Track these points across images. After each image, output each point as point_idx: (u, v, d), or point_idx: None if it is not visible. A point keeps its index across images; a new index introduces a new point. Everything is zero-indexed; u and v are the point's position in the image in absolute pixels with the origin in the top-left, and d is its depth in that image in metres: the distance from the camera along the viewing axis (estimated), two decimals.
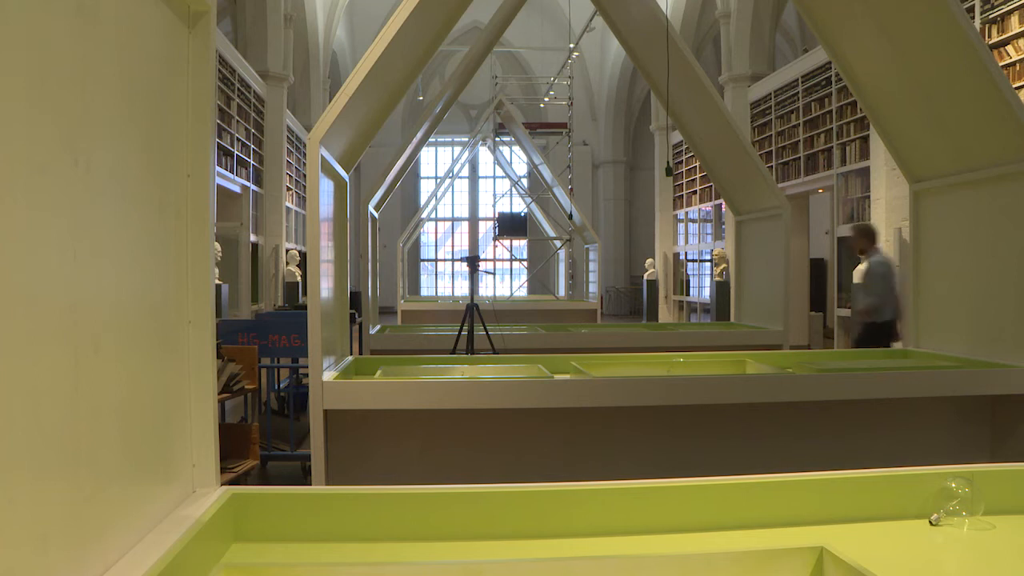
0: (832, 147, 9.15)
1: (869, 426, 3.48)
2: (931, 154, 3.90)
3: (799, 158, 10.05)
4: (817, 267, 12.22)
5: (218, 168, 9.42)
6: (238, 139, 10.31)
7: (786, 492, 1.51)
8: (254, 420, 4.82)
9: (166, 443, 1.32)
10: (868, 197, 8.28)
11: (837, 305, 9.04)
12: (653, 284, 14.84)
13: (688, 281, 14.53)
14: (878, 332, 5.16)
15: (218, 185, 9.51)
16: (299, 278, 11.90)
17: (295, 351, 4.84)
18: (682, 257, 14.76)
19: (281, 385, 5.80)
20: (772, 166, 10.71)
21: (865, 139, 8.42)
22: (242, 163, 10.57)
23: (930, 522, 1.49)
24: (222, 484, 1.47)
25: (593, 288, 11.74)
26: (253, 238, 11.19)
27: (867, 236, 5.37)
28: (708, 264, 13.25)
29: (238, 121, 10.29)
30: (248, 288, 10.78)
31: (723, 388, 3.30)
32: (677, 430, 3.40)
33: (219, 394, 3.69)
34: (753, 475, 1.53)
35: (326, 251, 3.33)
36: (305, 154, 3.56)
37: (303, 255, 12.62)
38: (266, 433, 4.50)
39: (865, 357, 4.30)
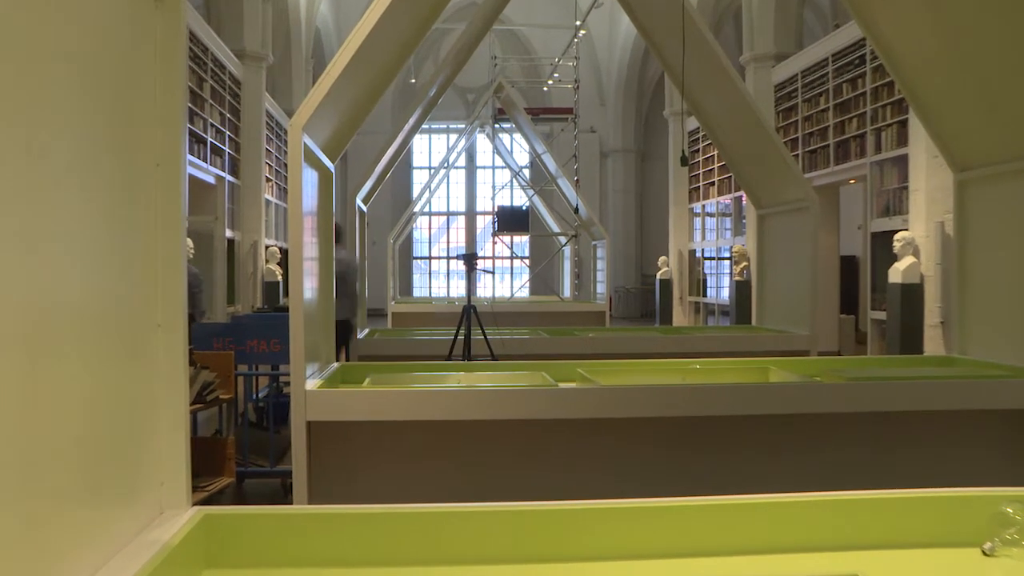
0: (865, 133, 9.13)
1: (908, 442, 3.46)
2: (979, 139, 3.86)
3: (828, 145, 10.03)
4: (848, 265, 12.21)
5: (190, 156, 9.41)
6: (212, 125, 10.30)
7: (817, 513, 1.50)
8: (229, 433, 4.81)
9: (131, 459, 1.31)
10: (906, 188, 8.26)
11: (871, 307, 9.02)
12: (667, 284, 14.82)
13: (705, 281, 14.52)
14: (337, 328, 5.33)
15: (190, 175, 9.50)
16: (280, 277, 11.90)
17: (275, 357, 4.83)
18: (698, 254, 14.75)
19: (260, 395, 5.80)
20: (798, 154, 10.70)
21: (903, 123, 8.39)
22: (216, 151, 10.57)
23: (983, 551, 1.46)
24: (193, 504, 1.46)
25: (601, 288, 11.74)
26: (229, 233, 11.18)
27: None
28: (727, 262, 13.24)
29: (212, 105, 10.29)
30: (223, 288, 10.76)
31: (744, 398, 3.29)
32: (693, 444, 3.39)
33: (191, 405, 3.68)
34: (779, 494, 1.52)
35: (310, 248, 3.32)
36: (286, 142, 3.56)
37: (284, 252, 12.60)
38: (243, 447, 4.49)
39: (904, 365, 4.29)
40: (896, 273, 7.70)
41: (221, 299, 10.64)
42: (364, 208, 6.48)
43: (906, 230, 7.97)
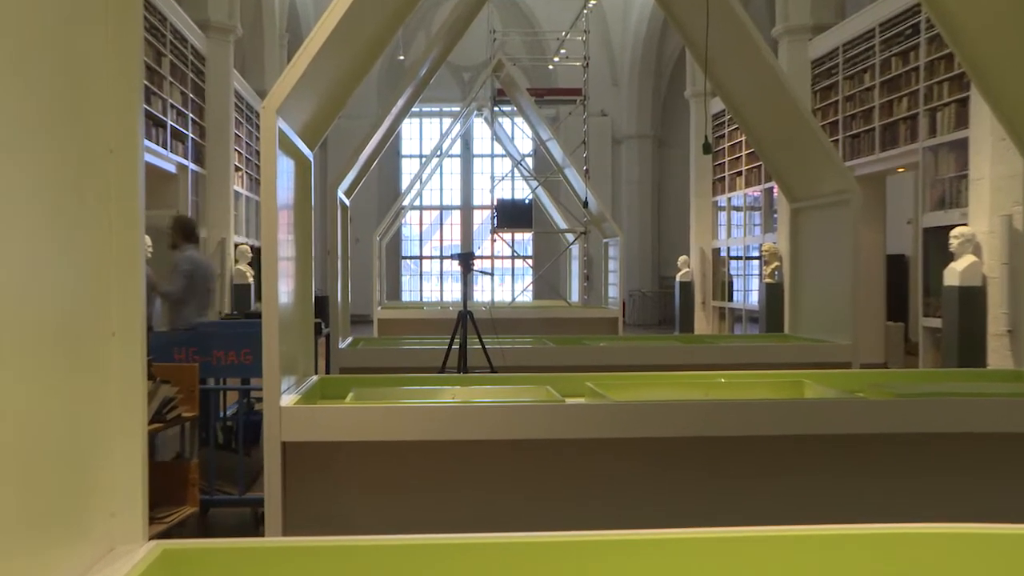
0: (918, 114, 9.09)
1: (968, 469, 3.42)
2: None
3: (874, 129, 10.02)
4: (896, 265, 12.19)
5: (147, 142, 9.43)
6: (172, 106, 10.31)
7: (861, 548, 1.49)
8: (193, 456, 4.81)
9: (77, 487, 1.30)
10: (965, 176, 8.20)
11: (923, 313, 8.98)
12: (687, 287, 14.81)
13: (731, 283, 14.52)
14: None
15: (147, 163, 9.51)
16: (251, 279, 11.90)
17: (246, 370, 4.84)
18: (723, 254, 14.75)
19: (228, 412, 5.80)
20: (838, 139, 10.71)
21: (963, 103, 8.32)
22: (178, 136, 10.58)
23: None
24: (150, 538, 1.45)
25: (613, 292, 11.72)
26: None
27: (180, 230, 6.08)
28: (756, 262, 13.24)
29: (172, 83, 10.29)
30: None
31: (775, 416, 3.28)
32: (717, 467, 3.38)
33: (149, 424, 3.68)
34: (816, 526, 1.52)
35: (285, 246, 3.32)
36: (258, 126, 3.56)
37: (256, 251, 12.60)
38: (208, 472, 4.49)
39: (963, 379, 4.26)
40: (953, 274, 7.67)
41: None
42: (347, 201, 6.48)
43: (965, 225, 7.92)
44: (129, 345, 1.40)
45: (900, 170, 10.14)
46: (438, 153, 19.26)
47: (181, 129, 10.66)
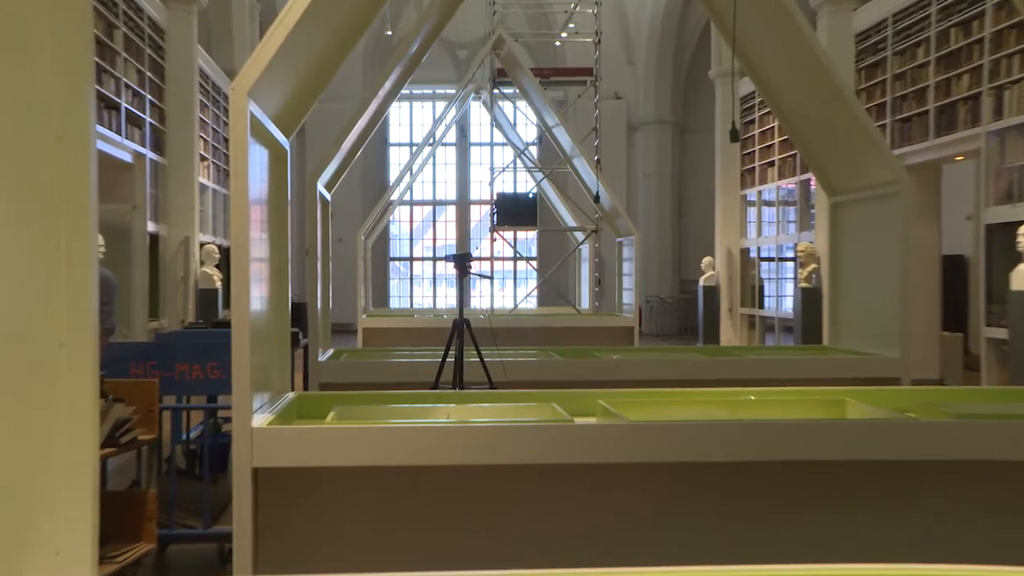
0: (981, 93, 9.03)
1: None
2: None
3: (927, 111, 10.01)
4: (954, 267, 12.17)
5: (99, 128, 9.43)
6: (127, 86, 10.30)
7: None
8: (151, 485, 4.81)
9: (16, 522, 1.30)
10: None
11: (986, 323, 8.94)
12: (712, 292, 14.81)
13: (762, 288, 14.52)
14: None
15: (100, 151, 9.52)
16: (219, 283, 11.91)
17: (213, 386, 4.83)
18: (753, 254, 14.75)
19: (191, 434, 5.80)
20: (885, 124, 10.71)
21: None
22: (134, 121, 10.59)
23: None
24: None
25: (629, 298, 11.74)
26: (152, 227, 11.21)
27: None
28: (790, 264, 13.24)
29: (127, 60, 10.29)
30: (144, 297, 10.78)
31: (813, 439, 3.28)
32: (747, 497, 3.38)
33: (101, 448, 3.68)
34: (860, 565, 1.51)
35: (258, 246, 3.33)
36: (227, 110, 3.56)
37: (225, 252, 12.62)
38: (168, 504, 4.48)
39: None
40: (1021, 278, 7.65)
41: (141, 311, 10.65)
42: (327, 195, 6.48)
43: None
44: (79, 358, 1.40)
45: (959, 158, 10.12)
46: (431, 141, 19.27)
47: (138, 113, 10.66)
